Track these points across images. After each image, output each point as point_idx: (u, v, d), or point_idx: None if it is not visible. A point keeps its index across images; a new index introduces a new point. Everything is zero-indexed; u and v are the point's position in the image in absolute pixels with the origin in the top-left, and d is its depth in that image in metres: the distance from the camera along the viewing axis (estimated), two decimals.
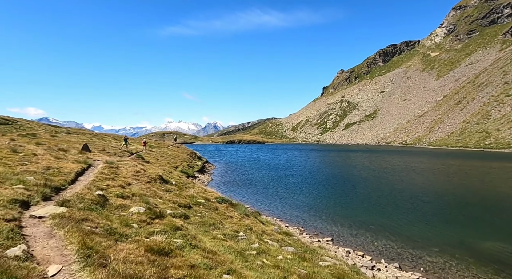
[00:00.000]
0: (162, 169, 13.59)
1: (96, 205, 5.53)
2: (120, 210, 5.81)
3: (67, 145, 24.69)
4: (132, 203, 6.43)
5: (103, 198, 5.99)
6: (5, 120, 57.88)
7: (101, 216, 5.01)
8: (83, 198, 5.56)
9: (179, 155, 37.57)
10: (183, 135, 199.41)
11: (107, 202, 5.99)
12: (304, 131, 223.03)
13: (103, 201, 5.88)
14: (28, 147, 9.90)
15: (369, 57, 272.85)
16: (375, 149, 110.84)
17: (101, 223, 4.54)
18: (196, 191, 11.21)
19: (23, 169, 6.83)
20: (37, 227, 3.93)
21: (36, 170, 6.99)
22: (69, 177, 7.31)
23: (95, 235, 3.86)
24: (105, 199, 6.04)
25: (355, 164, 55.49)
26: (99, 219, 4.74)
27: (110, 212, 5.54)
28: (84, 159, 10.01)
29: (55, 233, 3.70)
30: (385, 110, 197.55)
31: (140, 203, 6.48)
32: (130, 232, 4.59)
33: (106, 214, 5.19)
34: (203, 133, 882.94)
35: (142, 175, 9.79)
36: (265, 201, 23.01)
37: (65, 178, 7.04)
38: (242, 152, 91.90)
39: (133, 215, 5.60)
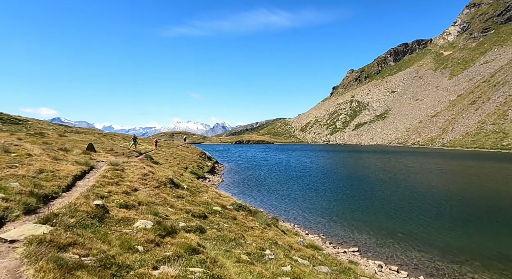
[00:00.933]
0: (172, 171, 12.49)
1: (92, 220, 4.39)
2: (123, 225, 4.65)
3: (73, 144, 23.89)
4: (138, 215, 5.28)
5: (103, 209, 4.85)
6: (16, 119, 58.05)
7: (96, 236, 3.85)
8: (77, 210, 4.43)
9: (188, 155, 36.59)
10: (192, 135, 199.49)
11: (107, 215, 4.85)
12: (313, 131, 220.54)
13: (102, 213, 4.74)
14: (24, 146, 8.92)
15: (379, 57, 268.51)
16: (387, 150, 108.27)
17: (95, 247, 3.39)
18: (210, 196, 10.06)
19: (10, 172, 5.79)
20: (2, 259, 2.81)
21: (26, 173, 5.93)
22: (65, 182, 6.23)
23: (81, 271, 2.72)
24: (105, 211, 4.90)
25: (368, 165, 53.75)
26: (93, 241, 3.60)
27: (110, 228, 4.39)
28: (86, 160, 8.94)
29: (22, 271, 2.57)
30: (396, 110, 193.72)
31: (148, 215, 5.32)
32: (133, 260, 3.44)
33: (103, 233, 4.04)
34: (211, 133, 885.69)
35: (150, 178, 8.69)
36: (280, 204, 21.75)
37: (59, 184, 5.96)
38: (251, 152, 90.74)
39: (138, 232, 4.43)
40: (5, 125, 49.88)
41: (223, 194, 12.26)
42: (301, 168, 46.64)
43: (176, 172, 13.07)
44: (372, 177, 36.80)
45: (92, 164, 8.88)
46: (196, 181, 14.53)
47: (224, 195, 11.97)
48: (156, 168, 10.68)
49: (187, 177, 13.98)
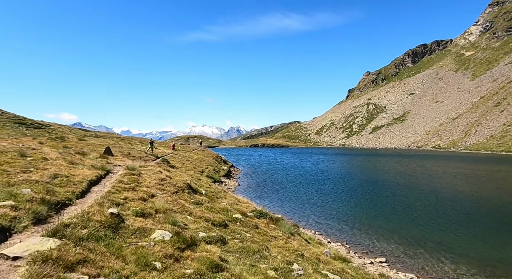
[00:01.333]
0: (189, 176, 12.12)
1: (106, 230, 3.99)
2: (139, 237, 4.23)
3: (91, 148, 24.10)
4: (155, 224, 4.85)
5: (118, 218, 4.45)
6: (39, 124, 60.00)
7: (110, 250, 3.44)
8: (90, 219, 4.04)
9: (204, 159, 36.43)
10: (207, 139, 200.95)
11: (122, 224, 4.44)
12: (329, 135, 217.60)
13: (117, 222, 4.34)
14: (42, 150, 8.77)
15: (397, 58, 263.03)
16: (406, 153, 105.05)
17: (107, 265, 2.97)
18: (229, 202, 9.60)
19: (23, 177, 5.53)
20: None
21: (40, 178, 5.66)
22: (79, 187, 5.91)
23: None
24: (120, 220, 4.50)
25: (387, 169, 52.08)
26: (106, 257, 3.18)
27: (125, 240, 3.97)
28: (102, 164, 8.68)
29: None
30: (415, 113, 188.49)
31: (165, 224, 4.89)
32: None
33: (118, 246, 3.62)
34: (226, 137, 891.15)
35: (167, 183, 8.32)
36: (298, 210, 21.05)
37: (74, 190, 5.64)
38: (266, 156, 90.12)
39: (155, 245, 4.00)
40: (29, 130, 51.58)
41: (242, 200, 11.77)
42: (318, 171, 45.66)
43: (193, 176, 12.67)
44: (392, 181, 35.45)
45: (108, 168, 8.61)
46: (214, 185, 14.10)
47: (243, 201, 11.48)
48: (173, 172, 10.33)
49: (205, 182, 13.58)
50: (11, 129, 48.57)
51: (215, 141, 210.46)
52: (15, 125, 53.00)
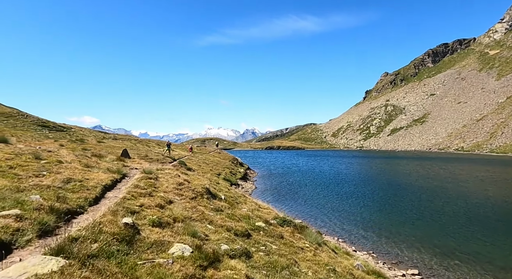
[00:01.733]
0: (208, 179, 11.65)
1: (119, 244, 3.50)
2: (156, 252, 3.73)
3: (110, 150, 24.18)
4: (174, 236, 4.34)
5: (132, 230, 3.97)
6: (61, 127, 61.79)
7: (122, 270, 2.94)
8: (101, 231, 3.57)
9: (221, 161, 36.11)
10: (222, 141, 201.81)
11: (137, 236, 3.96)
12: (345, 137, 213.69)
13: (131, 234, 3.86)
14: (58, 152, 8.53)
15: (416, 58, 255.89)
16: (427, 156, 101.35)
17: None
18: (250, 208, 9.05)
19: (34, 182, 5.18)
20: None
21: (52, 183, 5.29)
22: (93, 193, 5.51)
23: None
24: (135, 231, 4.02)
25: (408, 172, 50.11)
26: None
27: (140, 256, 3.47)
28: (118, 168, 8.32)
29: None
30: (436, 114, 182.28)
31: (185, 236, 4.37)
32: None
33: (131, 265, 3.12)
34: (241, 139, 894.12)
35: (186, 187, 7.86)
36: (318, 214, 20.23)
37: (87, 196, 5.24)
38: (281, 158, 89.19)
39: (174, 262, 3.47)
40: (51, 132, 53.15)
41: (262, 205, 11.18)
42: (336, 174, 44.45)
43: (211, 179, 12.21)
44: (416, 185, 33.90)
45: (124, 172, 8.24)
46: (232, 189, 13.56)
47: (264, 206, 10.89)
48: (191, 176, 9.90)
49: (223, 186, 13.07)
50: (35, 132, 50.17)
51: (231, 143, 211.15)
52: (38, 128, 54.79)
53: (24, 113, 61.54)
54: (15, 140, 21.31)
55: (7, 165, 5.75)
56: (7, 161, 6.07)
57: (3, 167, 5.56)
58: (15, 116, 56.70)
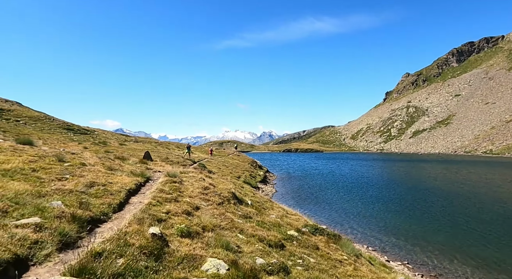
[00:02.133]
0: (233, 184, 11.19)
1: (147, 259, 3.07)
2: (187, 268, 3.27)
3: (131, 152, 24.34)
4: (205, 249, 3.88)
5: (161, 241, 3.54)
6: (85, 130, 63.72)
7: None
8: (127, 243, 3.15)
9: (240, 164, 35.77)
10: (240, 144, 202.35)
11: (166, 249, 3.52)
12: (365, 139, 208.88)
13: (159, 247, 3.42)
14: (81, 155, 8.36)
15: (439, 58, 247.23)
16: (453, 159, 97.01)
17: None
18: (278, 214, 8.52)
19: (57, 186, 4.89)
20: None
21: (74, 187, 4.99)
22: (117, 198, 5.17)
23: None
24: (164, 243, 3.59)
25: (434, 176, 47.86)
26: None
27: (170, 274, 3.02)
28: (142, 171, 8.02)
29: None
30: (461, 115, 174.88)
31: (217, 249, 3.90)
32: None
33: None
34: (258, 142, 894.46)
35: (211, 192, 7.43)
36: (343, 220, 19.34)
37: (110, 201, 4.89)
38: (300, 161, 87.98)
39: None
40: (76, 135, 54.88)
41: (290, 211, 10.60)
42: (358, 177, 43.05)
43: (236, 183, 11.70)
44: (444, 189, 32.16)
45: (148, 175, 7.93)
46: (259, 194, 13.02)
47: (292, 212, 10.31)
48: (215, 180, 9.50)
49: (248, 190, 12.58)
50: (60, 135, 51.87)
51: (248, 145, 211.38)
52: (64, 131, 56.74)
53: (50, 117, 63.99)
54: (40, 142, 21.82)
55: (30, 167, 5.53)
56: (30, 163, 5.87)
57: (26, 169, 5.34)
58: (42, 120, 59.01)
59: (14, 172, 5.01)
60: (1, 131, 43.33)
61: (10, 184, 4.29)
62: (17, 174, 4.96)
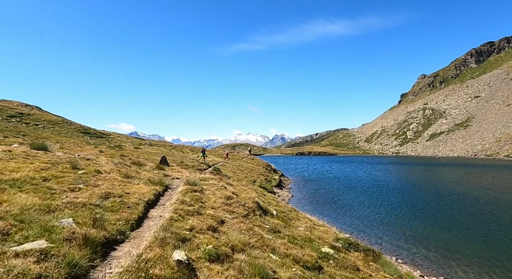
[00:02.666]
0: (255, 191, 10.51)
1: None
2: None
3: (147, 156, 24.09)
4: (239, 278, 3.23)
5: (187, 270, 2.93)
6: (101, 134, 64.74)
7: None
8: (148, 275, 2.55)
9: (255, 168, 35.12)
10: (252, 147, 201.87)
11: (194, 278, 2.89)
12: (380, 142, 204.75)
13: (187, 277, 2.80)
14: (96, 160, 7.91)
15: (457, 59, 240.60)
16: (473, 163, 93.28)
17: None
18: (305, 226, 7.82)
19: (69, 198, 4.37)
20: None
21: (88, 200, 4.45)
22: (135, 212, 4.59)
23: None
24: (191, 272, 2.97)
25: (456, 180, 45.75)
26: None
27: None
28: (160, 178, 7.46)
29: None
30: (481, 117, 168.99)
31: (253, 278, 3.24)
32: None
33: None
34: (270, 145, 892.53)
35: (235, 202, 6.81)
36: (366, 228, 18.32)
37: (127, 216, 4.32)
38: (313, 164, 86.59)
39: None
40: (92, 138, 55.75)
41: (316, 221, 9.85)
42: (375, 182, 41.62)
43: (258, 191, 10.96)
44: (469, 195, 30.48)
45: (167, 183, 7.36)
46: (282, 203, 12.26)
47: (318, 223, 9.56)
48: (236, 187, 8.87)
49: (271, 198, 11.86)
50: (77, 138, 52.73)
51: (261, 148, 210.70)
52: (80, 134, 57.75)
53: (68, 121, 65.35)
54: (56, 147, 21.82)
55: (41, 176, 5.05)
56: (42, 171, 5.41)
57: (37, 179, 4.87)
58: (60, 124, 60.30)
59: (23, 181, 4.54)
60: (21, 135, 44.30)
61: (17, 197, 3.80)
62: (26, 184, 4.48)
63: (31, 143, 7.76)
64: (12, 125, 50.10)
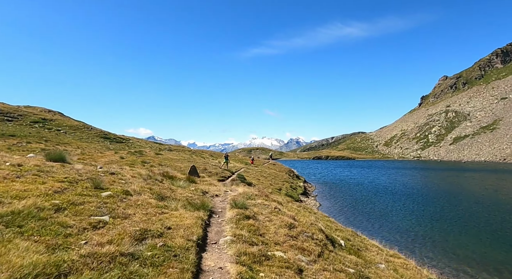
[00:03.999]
0: (313, 213, 8.87)
1: None
2: None
3: (169, 162, 22.96)
4: None
5: None
6: (121, 139, 64.90)
7: None
8: None
9: (278, 174, 33.47)
10: (268, 151, 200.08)
11: None
12: (400, 146, 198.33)
13: None
14: (122, 174, 6.55)
15: (481, 59, 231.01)
16: (504, 168, 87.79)
17: None
18: (380, 258, 6.17)
19: (89, 244, 2.91)
20: None
21: (116, 248, 2.94)
22: (186, 267, 3.05)
23: None
24: None
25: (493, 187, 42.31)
26: None
27: None
28: (202, 201, 5.88)
29: None
30: (509, 120, 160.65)
31: None
32: None
33: None
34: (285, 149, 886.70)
35: (300, 233, 5.25)
36: (414, 246, 16.20)
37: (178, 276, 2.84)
38: (333, 169, 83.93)
39: None
40: (112, 143, 55.79)
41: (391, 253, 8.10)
42: (405, 189, 38.96)
43: (318, 215, 9.22)
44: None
45: (209, 205, 5.85)
46: (336, 223, 10.48)
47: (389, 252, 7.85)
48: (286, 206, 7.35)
49: (320, 215, 10.12)
50: (98, 144, 52.82)
51: (277, 152, 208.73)
52: (101, 139, 57.98)
53: (89, 126, 65.98)
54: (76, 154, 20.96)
55: (53, 204, 3.68)
56: (55, 195, 4.07)
57: (47, 209, 3.47)
58: (81, 129, 60.85)
59: (27, 215, 3.17)
60: (44, 140, 44.55)
61: (12, 249, 2.43)
62: (30, 220, 3.10)
63: (47, 154, 6.52)
64: (35, 131, 50.65)
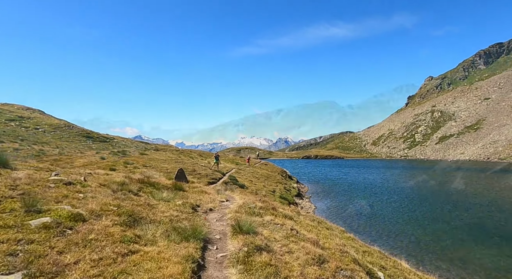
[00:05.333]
0: (338, 239, 7.25)
1: None
2: None
3: (154, 163, 21.11)
4: None
5: None
6: (104, 138, 61.81)
7: None
8: None
9: (271, 175, 32.01)
10: (257, 150, 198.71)
11: None
12: (387, 145, 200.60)
13: None
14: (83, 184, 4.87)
15: (465, 60, 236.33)
16: (488, 167, 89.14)
17: None
18: None
19: None
20: None
21: None
22: None
23: None
24: None
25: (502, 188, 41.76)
26: None
27: None
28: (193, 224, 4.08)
29: None
30: (492, 120, 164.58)
31: None
32: None
33: None
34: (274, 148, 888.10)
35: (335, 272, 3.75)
36: (421, 253, 15.02)
37: None
38: (323, 169, 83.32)
39: None
40: (95, 143, 52.82)
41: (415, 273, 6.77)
42: (398, 189, 38.15)
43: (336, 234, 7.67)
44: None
45: (203, 231, 4.08)
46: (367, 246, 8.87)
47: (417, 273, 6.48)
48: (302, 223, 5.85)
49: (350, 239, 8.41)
50: (79, 143, 49.86)
51: (266, 152, 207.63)
52: (83, 139, 54.86)
53: (70, 125, 62.64)
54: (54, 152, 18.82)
55: None
56: None
57: None
58: (62, 128, 57.57)
59: None
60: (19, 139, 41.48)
61: None
62: None
63: None
64: (11, 129, 47.30)
